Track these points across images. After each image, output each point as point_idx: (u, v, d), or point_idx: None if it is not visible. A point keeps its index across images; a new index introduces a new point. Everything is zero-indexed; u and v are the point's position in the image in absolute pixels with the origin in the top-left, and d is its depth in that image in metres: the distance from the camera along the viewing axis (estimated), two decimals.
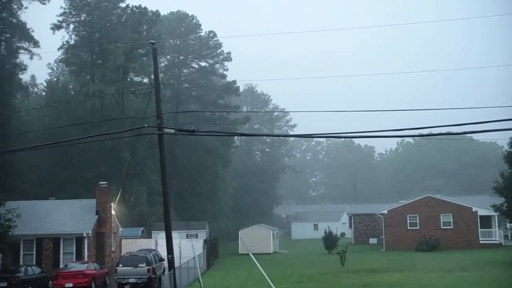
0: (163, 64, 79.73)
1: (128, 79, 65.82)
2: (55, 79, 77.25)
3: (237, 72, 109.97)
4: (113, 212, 40.20)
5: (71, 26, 64.91)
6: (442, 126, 17.89)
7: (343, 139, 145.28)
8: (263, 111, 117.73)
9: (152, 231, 54.98)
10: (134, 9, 64.79)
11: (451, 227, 54.77)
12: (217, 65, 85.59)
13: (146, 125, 23.72)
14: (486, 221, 54.41)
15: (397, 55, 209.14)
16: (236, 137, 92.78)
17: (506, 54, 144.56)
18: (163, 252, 30.43)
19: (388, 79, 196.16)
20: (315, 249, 61.23)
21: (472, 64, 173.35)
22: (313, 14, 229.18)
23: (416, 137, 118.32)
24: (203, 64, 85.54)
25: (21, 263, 34.78)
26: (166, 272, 30.24)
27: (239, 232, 62.60)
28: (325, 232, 59.06)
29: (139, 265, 31.74)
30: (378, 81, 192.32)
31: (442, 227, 54.92)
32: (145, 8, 65.32)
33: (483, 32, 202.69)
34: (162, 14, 71.02)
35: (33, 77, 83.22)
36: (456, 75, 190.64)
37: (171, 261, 23.92)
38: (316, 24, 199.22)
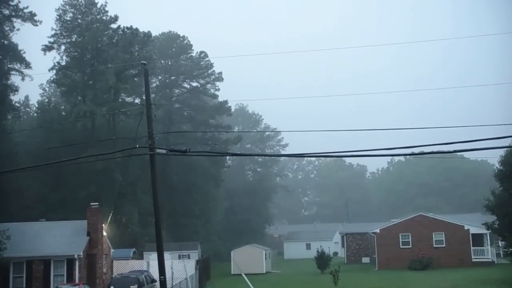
0: (154, 85, 79.77)
1: (120, 100, 65.76)
2: (46, 100, 77.10)
3: (229, 92, 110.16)
4: (104, 233, 39.90)
5: (62, 47, 64.97)
6: (434, 144, 18.05)
7: (334, 158, 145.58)
8: (255, 131, 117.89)
9: (144, 252, 54.57)
10: (126, 30, 64.90)
11: (444, 245, 54.79)
12: (209, 85, 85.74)
13: (137, 146, 23.75)
14: (478, 239, 54.49)
15: (390, 75, 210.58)
16: (227, 157, 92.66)
17: (497, 73, 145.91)
18: (155, 273, 30.23)
19: (380, 98, 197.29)
20: (308, 269, 60.97)
21: (463, 83, 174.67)
22: (306, 32, 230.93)
23: (408, 156, 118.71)
24: (194, 84, 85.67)
25: (10, 286, 34.40)
26: None
27: (232, 252, 62.21)
28: (317, 251, 58.84)
29: (131, 287, 31.47)
30: (371, 100, 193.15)
31: (434, 246, 54.92)
32: (136, 29, 65.47)
33: (473, 51, 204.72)
34: (153, 34, 71.17)
35: (26, 97, 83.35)
36: (447, 94, 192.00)
37: (163, 283, 23.75)
38: (309, 43, 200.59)
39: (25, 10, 59.90)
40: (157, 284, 28.46)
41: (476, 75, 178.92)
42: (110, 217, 40.57)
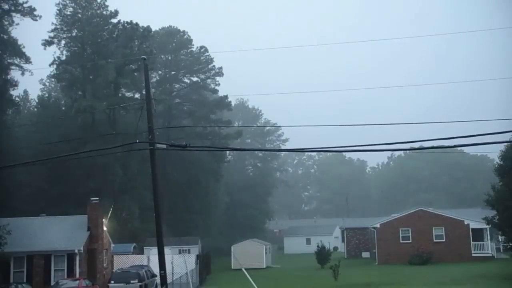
0: (154, 80, 79.68)
1: (120, 95, 65.70)
2: (46, 95, 77.05)
3: (229, 87, 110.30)
4: (105, 228, 39.96)
5: (63, 42, 64.93)
6: (433, 139, 17.98)
7: (334, 153, 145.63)
8: (255, 125, 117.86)
9: (144, 247, 54.67)
10: (126, 24, 64.81)
11: (444, 240, 54.82)
12: (209, 80, 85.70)
13: (137, 141, 23.73)
14: (478, 234, 54.51)
15: (391, 70, 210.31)
16: (228, 152, 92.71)
17: (497, 68, 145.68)
18: (155, 268, 30.25)
19: (381, 93, 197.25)
20: (308, 264, 61.04)
21: (463, 78, 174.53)
22: (307, 28, 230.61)
23: (408, 151, 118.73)
24: (194, 79, 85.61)
25: (11, 280, 34.45)
26: None
27: (232, 247, 62.33)
28: (317, 246, 58.92)
29: (131, 282, 31.57)
30: (371, 96, 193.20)
31: (434, 240, 54.94)
32: (137, 24, 65.39)
33: (474, 45, 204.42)
34: (153, 29, 70.99)
35: (26, 92, 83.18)
36: (448, 88, 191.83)
37: (163, 277, 23.76)
38: (310, 38, 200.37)
39: (25, 5, 59.82)
40: (158, 278, 28.51)
41: (476, 69, 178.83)
42: (110, 212, 40.59)
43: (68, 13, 65.05)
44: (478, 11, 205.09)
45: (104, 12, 65.84)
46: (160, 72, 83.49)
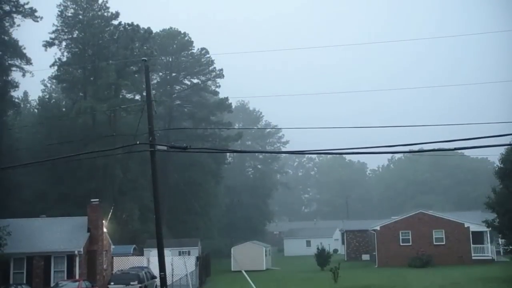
0: (155, 81, 79.70)
1: (120, 96, 65.74)
2: (47, 96, 77.14)
3: (229, 88, 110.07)
4: (104, 230, 39.93)
5: (64, 43, 64.98)
6: (433, 142, 18.01)
7: (334, 155, 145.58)
8: (255, 127, 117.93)
9: (144, 249, 54.60)
10: (127, 26, 64.86)
11: (444, 243, 54.79)
12: (209, 82, 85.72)
13: (138, 142, 23.75)
14: (478, 237, 54.48)
15: (392, 72, 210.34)
16: (228, 154, 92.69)
17: (497, 71, 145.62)
18: (155, 269, 30.22)
19: (380, 96, 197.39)
20: (308, 266, 61.00)
21: (464, 81, 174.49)
22: (307, 29, 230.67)
23: (408, 153, 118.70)
24: (195, 81, 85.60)
25: (11, 282, 34.45)
26: None
27: (232, 249, 62.22)
28: (317, 248, 58.88)
29: (131, 283, 31.56)
30: (372, 98, 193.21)
31: (434, 243, 54.92)
32: (137, 26, 65.46)
33: (476, 48, 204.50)
34: (154, 31, 71.06)
35: (26, 93, 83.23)
36: (448, 91, 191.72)
37: (163, 279, 23.75)
38: (311, 40, 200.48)
39: (26, 6, 59.95)
40: (157, 280, 28.51)
41: (477, 73, 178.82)
42: (110, 213, 40.57)
43: (69, 14, 65.13)
44: (483, 13, 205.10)
45: (105, 14, 65.93)
46: (160, 73, 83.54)
